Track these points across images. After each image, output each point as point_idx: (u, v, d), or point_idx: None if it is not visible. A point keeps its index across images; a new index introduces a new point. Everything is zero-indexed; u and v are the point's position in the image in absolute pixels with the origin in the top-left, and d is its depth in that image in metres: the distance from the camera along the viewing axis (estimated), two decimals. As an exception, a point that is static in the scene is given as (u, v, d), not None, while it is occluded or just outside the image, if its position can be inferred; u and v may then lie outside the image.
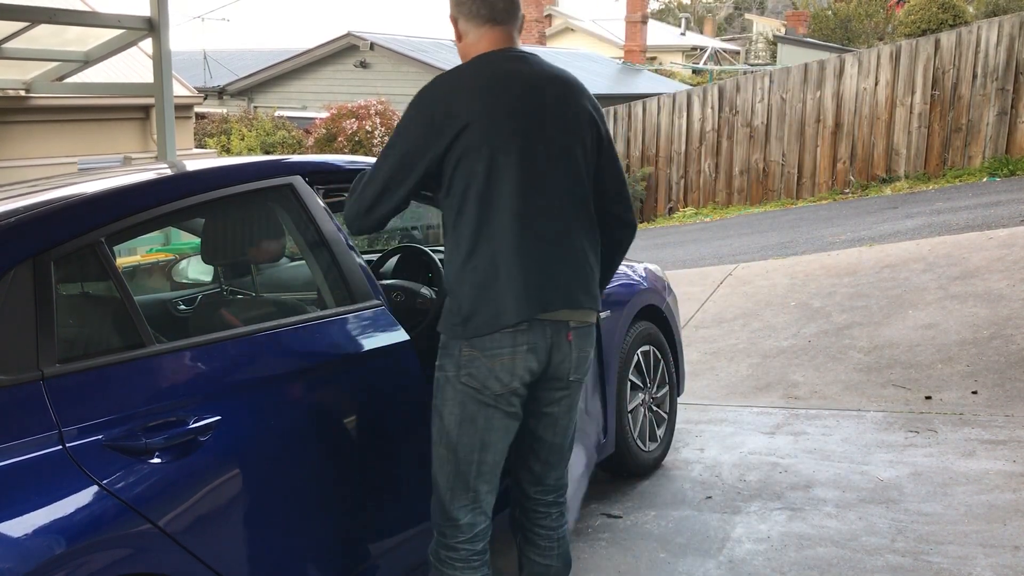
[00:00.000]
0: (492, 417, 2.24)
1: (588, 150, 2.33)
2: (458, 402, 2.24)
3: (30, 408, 1.84)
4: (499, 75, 2.28)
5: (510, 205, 2.19)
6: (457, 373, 2.22)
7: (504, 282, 2.16)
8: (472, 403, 2.22)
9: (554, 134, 2.27)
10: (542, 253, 2.21)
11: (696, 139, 13.94)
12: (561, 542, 2.50)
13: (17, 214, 2.07)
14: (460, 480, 2.27)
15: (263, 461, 2.19)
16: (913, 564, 3.02)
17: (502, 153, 2.20)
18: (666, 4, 48.67)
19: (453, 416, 2.24)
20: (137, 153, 9.62)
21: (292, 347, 2.39)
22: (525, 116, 2.25)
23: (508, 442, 2.31)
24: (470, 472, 2.26)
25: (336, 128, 16.23)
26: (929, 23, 21.29)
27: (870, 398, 4.81)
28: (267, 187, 2.59)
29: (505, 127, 2.22)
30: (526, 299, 2.16)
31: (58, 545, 1.76)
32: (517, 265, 2.17)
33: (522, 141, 2.23)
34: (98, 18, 6.98)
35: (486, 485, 2.30)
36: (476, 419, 2.23)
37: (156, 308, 3.34)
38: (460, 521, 2.28)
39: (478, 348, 2.18)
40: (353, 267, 2.63)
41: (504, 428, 2.27)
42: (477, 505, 2.30)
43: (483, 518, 2.32)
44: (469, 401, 2.22)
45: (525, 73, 2.29)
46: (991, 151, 11.49)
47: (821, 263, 7.72)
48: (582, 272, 2.27)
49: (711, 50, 33.94)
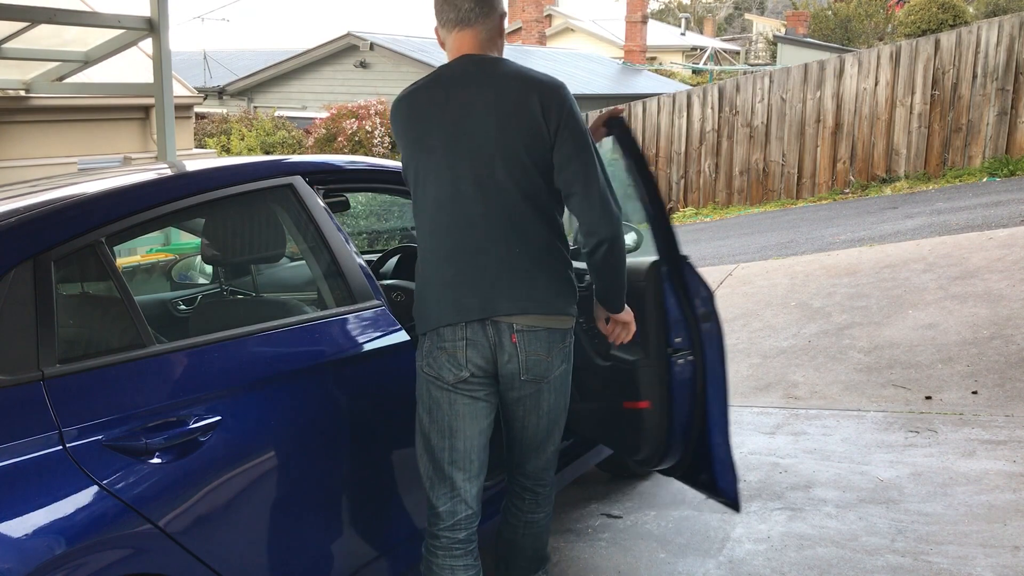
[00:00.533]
0: (455, 403, 2.34)
1: (536, 152, 2.28)
2: (425, 390, 2.38)
3: (30, 408, 1.84)
4: (433, 85, 2.36)
5: (430, 217, 2.35)
6: (421, 363, 2.38)
7: (429, 288, 2.36)
8: (435, 390, 2.35)
9: (485, 141, 2.28)
10: (457, 264, 2.31)
11: (696, 139, 13.94)
12: (531, 526, 2.61)
13: (17, 214, 2.07)
14: (436, 468, 2.37)
15: (263, 461, 2.19)
16: (913, 564, 3.02)
17: (423, 168, 2.34)
18: (666, 4, 48.67)
19: (423, 403, 2.38)
20: (137, 153, 9.61)
21: (292, 347, 2.39)
22: (452, 126, 2.30)
23: (479, 428, 2.37)
24: (443, 459, 2.35)
25: (336, 128, 16.24)
26: (929, 23, 21.30)
27: (870, 398, 4.81)
28: (267, 187, 2.59)
29: (426, 141, 2.32)
30: (442, 307, 2.31)
31: (58, 545, 1.76)
32: (436, 275, 2.34)
33: (443, 153, 2.30)
34: (98, 18, 6.98)
35: (461, 473, 2.36)
36: (441, 405, 2.34)
37: (156, 308, 3.34)
38: (439, 508, 2.36)
39: (432, 340, 2.34)
40: (353, 267, 2.63)
41: (471, 414, 2.35)
42: (456, 494, 2.36)
43: (463, 507, 2.36)
44: (432, 388, 2.36)
45: (466, 80, 2.32)
46: (991, 151, 11.49)
47: (821, 263, 7.72)
48: (507, 279, 2.29)
49: (711, 50, 33.94)
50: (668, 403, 2.77)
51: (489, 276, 2.29)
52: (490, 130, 2.27)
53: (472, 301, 2.29)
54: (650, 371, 2.78)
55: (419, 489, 2.59)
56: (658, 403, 2.78)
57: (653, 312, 2.75)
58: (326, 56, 20.85)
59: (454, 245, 2.31)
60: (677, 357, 2.75)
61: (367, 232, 9.63)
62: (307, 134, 16.90)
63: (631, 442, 2.93)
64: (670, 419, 2.78)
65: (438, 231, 2.33)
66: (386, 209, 9.11)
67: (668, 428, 2.79)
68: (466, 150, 2.29)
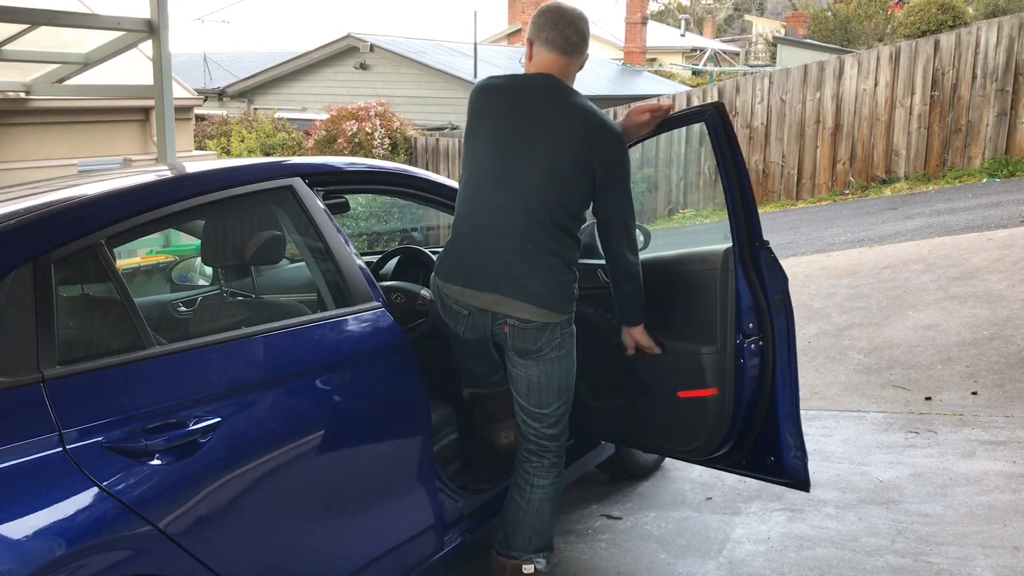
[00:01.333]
0: (455, 338, 2.89)
1: (576, 178, 2.60)
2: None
3: (30, 410, 1.84)
4: (512, 85, 2.70)
5: (470, 193, 2.69)
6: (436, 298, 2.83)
7: (451, 250, 2.71)
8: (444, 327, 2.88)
9: (537, 149, 2.59)
10: (479, 241, 2.64)
11: (696, 140, 13.94)
12: (536, 491, 2.79)
13: (18, 216, 2.07)
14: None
15: (263, 463, 2.19)
16: (913, 565, 3.03)
17: (477, 150, 2.69)
18: (666, 5, 48.67)
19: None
20: (137, 155, 9.62)
21: (292, 349, 2.39)
22: (514, 125, 2.63)
23: (474, 353, 2.96)
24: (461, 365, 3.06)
25: (336, 130, 16.25)
26: (928, 24, 21.29)
27: (870, 399, 4.81)
28: (267, 189, 2.59)
29: (487, 128, 2.68)
30: (455, 270, 2.68)
31: (59, 547, 1.76)
32: (459, 244, 2.69)
33: (497, 144, 2.64)
34: (98, 20, 6.99)
35: (469, 374, 3.04)
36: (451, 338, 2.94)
37: (156, 310, 3.34)
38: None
39: (437, 287, 2.76)
40: (353, 269, 2.63)
41: (466, 344, 2.92)
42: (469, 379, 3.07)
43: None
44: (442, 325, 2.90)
45: (541, 93, 2.64)
46: (991, 152, 11.49)
47: (821, 264, 7.73)
48: (518, 266, 2.59)
49: (711, 51, 33.95)
50: (735, 389, 2.79)
51: (502, 259, 2.60)
52: (546, 142, 2.58)
53: (482, 275, 2.63)
54: (718, 358, 2.79)
55: (420, 489, 2.59)
56: (724, 390, 2.80)
57: (725, 298, 2.78)
58: (326, 58, 20.86)
59: (481, 225, 2.64)
60: (749, 343, 2.77)
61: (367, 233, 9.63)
62: (307, 136, 16.91)
63: (686, 432, 2.94)
64: (735, 405, 2.80)
65: (475, 208, 2.66)
66: (386, 211, 9.13)
67: (732, 415, 2.81)
68: (518, 149, 2.60)
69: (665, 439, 3.11)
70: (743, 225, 2.78)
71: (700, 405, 2.85)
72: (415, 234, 10.22)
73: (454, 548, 2.77)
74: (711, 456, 2.98)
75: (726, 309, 2.77)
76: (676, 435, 3.01)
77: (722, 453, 2.94)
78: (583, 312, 3.08)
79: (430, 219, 10.13)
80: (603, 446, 3.58)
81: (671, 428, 3.00)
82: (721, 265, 2.79)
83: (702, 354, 2.82)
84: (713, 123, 2.79)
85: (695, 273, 2.90)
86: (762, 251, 2.79)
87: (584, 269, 3.14)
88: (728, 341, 2.77)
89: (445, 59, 20.31)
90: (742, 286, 2.76)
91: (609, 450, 3.66)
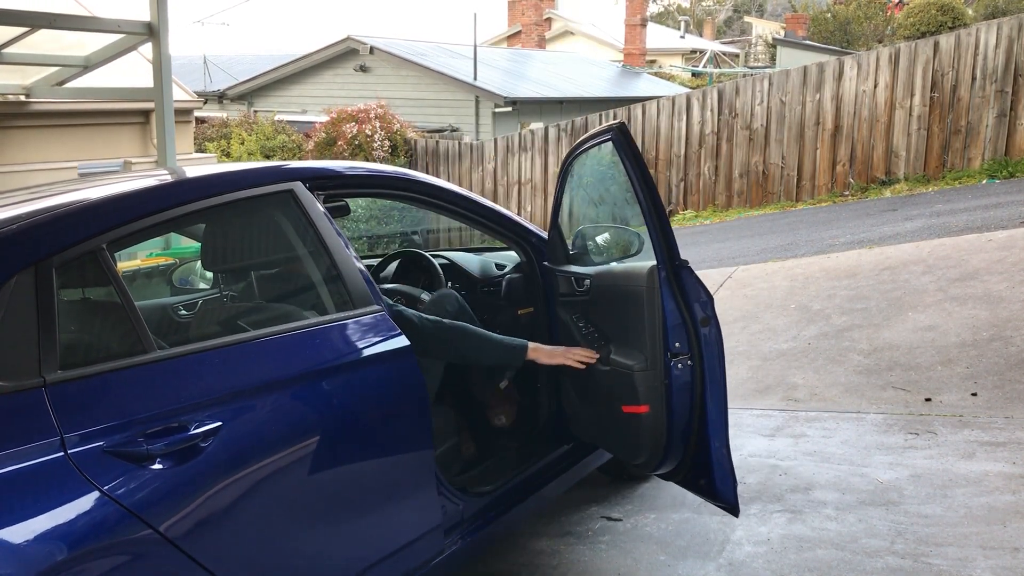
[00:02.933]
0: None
1: None
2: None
3: (32, 414, 1.85)
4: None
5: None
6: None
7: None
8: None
9: None
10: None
11: (696, 142, 13.95)
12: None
13: (19, 221, 2.07)
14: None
15: (264, 467, 2.19)
16: (913, 566, 3.03)
17: None
18: (665, 7, 48.70)
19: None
20: (137, 157, 9.63)
21: (293, 353, 2.39)
22: None
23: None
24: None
25: (336, 132, 16.26)
26: (928, 25, 21.32)
27: (870, 400, 4.82)
28: (268, 193, 2.60)
29: None
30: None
31: (60, 551, 1.76)
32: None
33: None
34: (98, 23, 7.00)
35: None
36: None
37: (157, 313, 3.35)
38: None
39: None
40: (354, 273, 2.63)
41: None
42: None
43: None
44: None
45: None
46: (990, 153, 11.49)
47: (821, 265, 7.73)
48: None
49: (710, 53, 33.96)
50: (667, 408, 2.78)
51: None
52: None
53: None
54: (649, 375, 2.79)
55: (420, 494, 2.60)
56: (656, 408, 2.79)
57: (652, 317, 2.76)
58: (326, 60, 20.87)
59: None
60: (676, 362, 2.76)
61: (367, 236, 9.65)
62: (307, 138, 16.91)
63: (631, 446, 2.94)
64: (669, 424, 2.79)
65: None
66: (386, 214, 9.14)
67: (667, 432, 2.80)
68: None
69: (620, 451, 3.15)
70: (663, 243, 2.76)
71: (638, 422, 2.86)
72: (415, 237, 10.23)
73: (455, 551, 2.77)
74: (658, 472, 3.00)
75: (654, 327, 2.77)
76: (626, 449, 3.05)
77: (669, 471, 2.96)
78: (563, 318, 3.11)
79: (430, 222, 10.14)
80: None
81: (623, 441, 3.03)
82: (647, 282, 2.78)
83: (634, 371, 2.82)
84: (618, 142, 2.82)
85: (626, 289, 2.90)
86: (683, 270, 2.77)
87: (563, 277, 3.17)
88: (657, 359, 2.77)
89: (445, 61, 20.32)
90: (668, 304, 2.75)
91: (609, 452, 3.66)
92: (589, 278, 3.08)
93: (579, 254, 3.23)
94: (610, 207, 3.29)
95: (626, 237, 3.08)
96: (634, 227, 3.27)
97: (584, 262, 3.20)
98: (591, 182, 3.35)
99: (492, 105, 18.56)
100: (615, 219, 3.26)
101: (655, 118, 14.31)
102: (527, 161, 15.63)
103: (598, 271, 3.06)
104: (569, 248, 3.29)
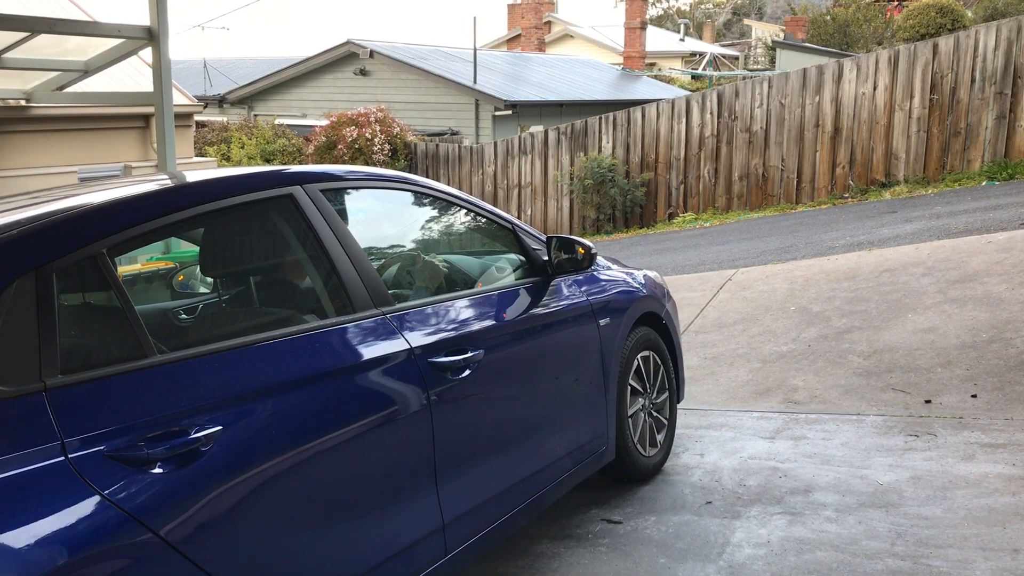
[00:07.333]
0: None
1: None
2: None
3: (32, 419, 1.85)
4: None
5: None
6: None
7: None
8: None
9: None
10: None
11: (695, 144, 13.96)
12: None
13: (20, 226, 2.08)
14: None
15: (265, 471, 2.20)
16: (913, 568, 3.03)
17: None
18: (665, 10, 48.75)
19: None
20: (137, 162, 9.64)
21: (294, 357, 2.39)
22: None
23: None
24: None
25: (336, 136, 16.28)
26: (927, 27, 21.34)
27: (870, 402, 4.82)
28: (268, 197, 2.60)
29: None
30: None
31: (60, 556, 1.76)
32: None
33: None
34: (98, 28, 7.01)
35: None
36: None
37: (157, 318, 3.35)
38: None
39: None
40: (353, 277, 2.64)
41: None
42: None
43: None
44: None
45: None
46: (990, 155, 11.51)
47: (820, 268, 7.73)
48: None
49: (710, 56, 34.01)
50: None
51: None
52: None
53: None
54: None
55: (421, 498, 2.59)
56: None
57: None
58: (326, 64, 20.91)
59: None
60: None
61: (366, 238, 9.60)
62: (307, 142, 16.94)
63: None
64: None
65: None
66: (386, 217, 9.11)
67: None
68: None
69: None
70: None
71: None
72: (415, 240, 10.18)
73: (457, 553, 2.78)
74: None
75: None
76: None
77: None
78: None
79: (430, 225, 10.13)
80: (603, 451, 3.59)
81: None
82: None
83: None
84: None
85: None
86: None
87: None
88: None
89: (445, 64, 20.35)
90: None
91: (609, 455, 3.67)
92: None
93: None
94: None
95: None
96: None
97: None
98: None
99: (492, 108, 18.59)
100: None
101: (655, 121, 14.32)
102: (527, 164, 15.65)
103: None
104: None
